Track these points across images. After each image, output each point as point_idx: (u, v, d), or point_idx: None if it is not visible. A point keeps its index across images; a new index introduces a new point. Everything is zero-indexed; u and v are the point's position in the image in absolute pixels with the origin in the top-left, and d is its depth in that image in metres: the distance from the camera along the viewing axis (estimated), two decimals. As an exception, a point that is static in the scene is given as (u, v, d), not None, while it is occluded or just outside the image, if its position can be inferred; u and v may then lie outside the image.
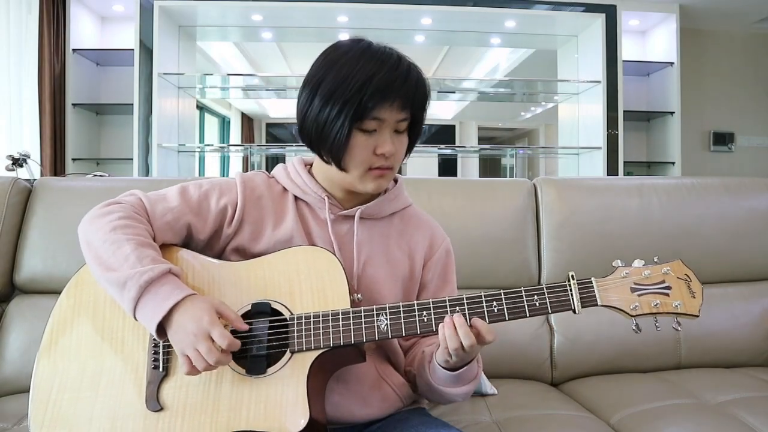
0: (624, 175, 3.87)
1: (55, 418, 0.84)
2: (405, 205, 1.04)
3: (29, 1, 3.43)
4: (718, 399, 1.25)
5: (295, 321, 0.84)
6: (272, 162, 5.24)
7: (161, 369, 0.85)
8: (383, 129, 0.88)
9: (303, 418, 0.79)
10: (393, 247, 0.99)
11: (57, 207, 1.42)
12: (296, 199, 0.99)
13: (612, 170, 3.86)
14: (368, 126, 0.86)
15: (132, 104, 3.64)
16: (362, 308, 0.84)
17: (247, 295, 0.88)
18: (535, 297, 0.83)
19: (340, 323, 0.83)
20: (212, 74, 4.75)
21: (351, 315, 0.84)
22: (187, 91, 4.10)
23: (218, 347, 0.78)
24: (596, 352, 1.45)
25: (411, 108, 0.89)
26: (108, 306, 0.89)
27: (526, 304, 0.83)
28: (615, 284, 0.83)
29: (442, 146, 5.02)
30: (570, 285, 0.83)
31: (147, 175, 3.66)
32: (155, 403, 0.83)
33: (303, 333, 0.84)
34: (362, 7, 3.78)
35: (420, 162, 5.91)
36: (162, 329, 0.81)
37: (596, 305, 0.83)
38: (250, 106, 6.87)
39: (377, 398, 0.94)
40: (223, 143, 6.53)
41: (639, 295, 0.82)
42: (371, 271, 0.96)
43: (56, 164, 3.65)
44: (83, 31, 3.91)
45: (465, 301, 0.83)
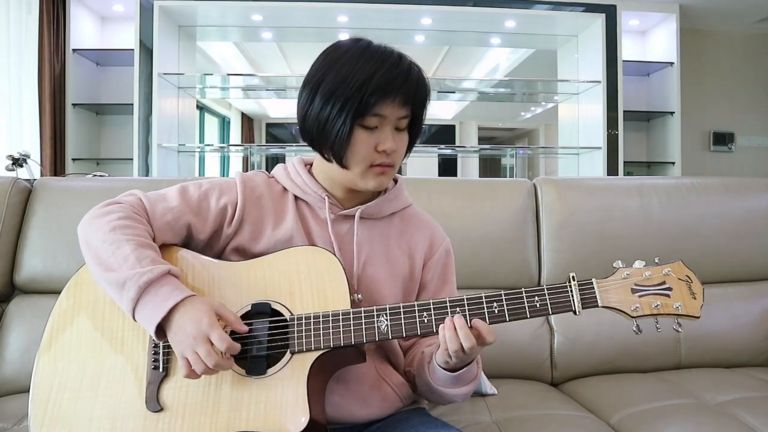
0: (624, 175, 3.87)
1: (55, 418, 0.84)
2: (405, 205, 1.04)
3: (29, 1, 3.43)
4: (718, 399, 1.25)
5: (295, 322, 0.84)
6: (272, 162, 5.24)
7: (161, 369, 0.85)
8: (384, 126, 0.88)
9: (303, 419, 0.79)
10: (393, 247, 0.99)
11: (57, 207, 1.42)
12: (296, 199, 0.99)
13: (612, 170, 3.86)
14: (370, 122, 0.87)
15: (132, 104, 3.64)
16: (362, 309, 0.84)
17: (247, 296, 0.88)
18: (536, 298, 0.83)
19: (341, 324, 0.83)
20: (212, 74, 4.75)
21: (351, 316, 0.84)
22: (187, 91, 4.10)
23: (217, 351, 0.78)
24: (596, 352, 1.45)
25: (412, 105, 0.89)
26: (108, 306, 0.89)
27: (527, 305, 0.83)
28: (616, 285, 0.83)
29: (442, 146, 5.02)
30: (571, 286, 0.83)
31: (147, 175, 3.65)
32: (155, 404, 0.83)
33: (303, 334, 0.83)
34: (362, 7, 3.78)
35: (420, 162, 5.92)
36: (161, 330, 0.81)
37: (597, 306, 0.82)
38: (250, 106, 6.87)
39: (377, 398, 0.94)
40: (223, 143, 6.53)
41: (640, 297, 0.82)
42: (371, 271, 0.96)
43: (56, 164, 3.65)
44: (83, 31, 3.91)
45: (465, 302, 0.83)
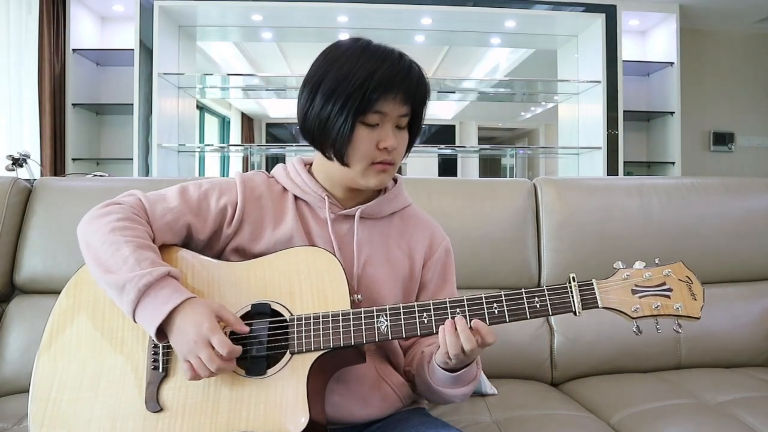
0: (624, 175, 3.87)
1: (55, 417, 0.84)
2: (405, 205, 1.04)
3: (29, 1, 3.43)
4: (718, 399, 1.25)
5: (295, 322, 0.84)
6: (272, 162, 5.24)
7: (161, 370, 0.85)
8: (385, 123, 0.88)
9: (303, 419, 0.79)
10: (393, 247, 0.99)
11: (57, 207, 1.42)
12: (296, 199, 0.99)
13: (612, 170, 3.86)
14: (371, 120, 0.87)
15: (132, 104, 3.64)
16: (362, 309, 0.84)
17: (247, 296, 0.87)
18: (536, 298, 0.83)
19: (340, 324, 0.83)
20: (212, 74, 4.75)
21: (351, 316, 0.84)
22: (187, 91, 4.10)
23: (219, 354, 0.78)
24: (596, 352, 1.45)
25: (412, 103, 0.89)
26: (107, 306, 0.89)
27: (527, 306, 0.83)
28: (616, 286, 0.83)
29: (442, 146, 5.02)
30: (571, 287, 0.83)
31: (147, 175, 3.65)
32: (155, 404, 0.83)
33: (303, 334, 0.83)
34: (362, 7, 3.78)
35: (420, 162, 5.92)
36: (162, 332, 0.81)
37: (597, 307, 0.82)
38: (250, 106, 6.87)
39: (377, 398, 0.94)
40: (223, 143, 6.53)
41: (640, 297, 0.82)
42: (371, 271, 0.96)
43: (56, 164, 3.65)
44: (83, 31, 3.91)
45: (465, 303, 0.83)
